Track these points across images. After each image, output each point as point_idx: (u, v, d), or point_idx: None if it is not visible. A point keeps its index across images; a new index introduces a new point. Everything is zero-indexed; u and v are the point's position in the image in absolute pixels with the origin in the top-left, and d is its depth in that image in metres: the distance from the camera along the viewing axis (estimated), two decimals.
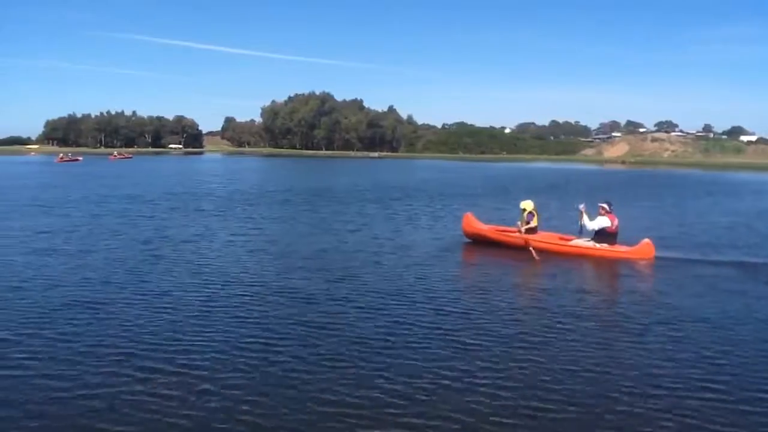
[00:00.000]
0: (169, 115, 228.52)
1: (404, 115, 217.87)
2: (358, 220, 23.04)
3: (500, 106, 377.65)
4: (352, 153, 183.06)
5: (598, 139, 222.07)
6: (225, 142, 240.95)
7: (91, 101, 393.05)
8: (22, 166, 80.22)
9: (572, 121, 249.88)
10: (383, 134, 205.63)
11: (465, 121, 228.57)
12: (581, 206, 16.24)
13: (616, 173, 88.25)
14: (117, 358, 7.91)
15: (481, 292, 12.00)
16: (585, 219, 16.06)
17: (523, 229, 16.63)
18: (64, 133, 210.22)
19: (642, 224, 22.49)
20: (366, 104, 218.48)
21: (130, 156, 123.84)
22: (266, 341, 8.65)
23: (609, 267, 15.27)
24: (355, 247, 16.90)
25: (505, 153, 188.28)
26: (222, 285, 12.03)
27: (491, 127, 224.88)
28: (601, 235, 15.93)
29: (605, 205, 16.08)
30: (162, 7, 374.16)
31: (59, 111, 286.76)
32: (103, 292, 11.33)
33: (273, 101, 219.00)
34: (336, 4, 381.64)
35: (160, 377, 7.31)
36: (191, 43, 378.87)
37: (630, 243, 16.03)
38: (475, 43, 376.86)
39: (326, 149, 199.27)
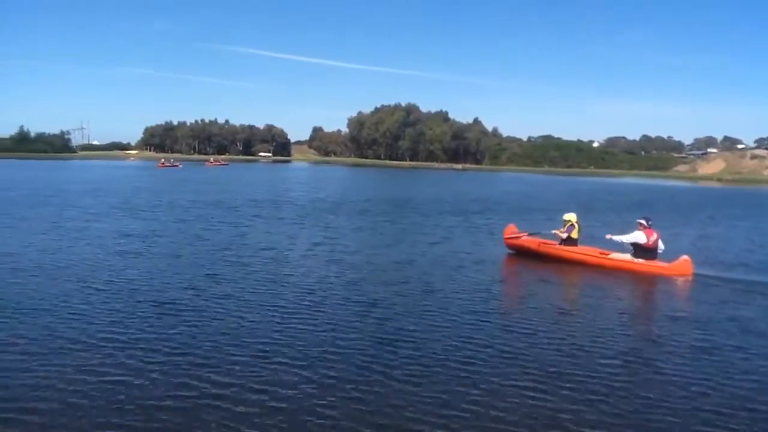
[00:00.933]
0: (260, 124, 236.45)
1: (489, 127, 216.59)
2: (437, 233, 22.90)
3: (589, 119, 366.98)
4: (435, 164, 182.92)
5: (693, 155, 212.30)
6: (312, 151, 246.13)
7: (187, 109, 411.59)
8: (125, 170, 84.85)
9: (665, 135, 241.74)
10: (467, 146, 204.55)
11: (551, 134, 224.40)
12: (607, 236, 16.51)
13: (711, 191, 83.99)
14: (189, 366, 8.09)
15: (523, 306, 11.76)
16: (617, 237, 16.30)
17: (560, 236, 17.17)
18: (161, 139, 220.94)
19: (736, 245, 21.43)
20: (451, 116, 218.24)
21: (225, 163, 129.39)
22: (335, 353, 8.70)
23: (644, 282, 15.25)
24: (430, 259, 16.81)
25: (593, 167, 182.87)
26: (295, 294, 12.20)
27: (579, 140, 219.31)
28: (638, 250, 15.99)
29: (643, 221, 16.17)
30: (253, 19, 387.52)
31: (157, 119, 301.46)
32: (180, 297, 11.74)
33: (359, 112, 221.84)
34: (423, 17, 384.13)
35: (232, 387, 7.43)
36: (282, 55, 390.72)
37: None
38: (563, 55, 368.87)
39: (410, 160, 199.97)
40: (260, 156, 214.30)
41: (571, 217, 17.33)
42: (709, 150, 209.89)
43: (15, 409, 6.69)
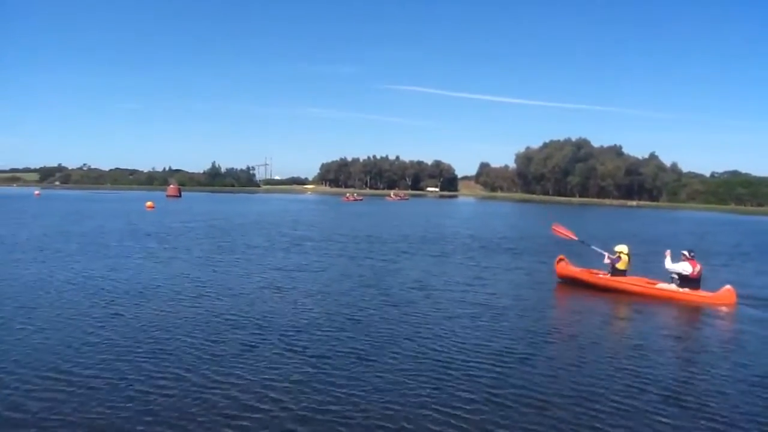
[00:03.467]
0: (428, 160, 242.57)
1: (668, 162, 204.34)
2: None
3: None
4: (607, 201, 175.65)
5: None
6: (479, 186, 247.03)
7: (360, 146, 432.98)
8: (307, 203, 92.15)
9: None
10: (642, 182, 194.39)
11: (739, 170, 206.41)
12: (666, 252, 17.83)
13: None
14: (314, 409, 8.22)
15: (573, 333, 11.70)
16: (667, 261, 17.50)
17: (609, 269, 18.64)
18: (335, 175, 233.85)
19: None
20: (625, 150, 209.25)
21: (406, 197, 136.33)
22: (468, 408, 8.58)
23: (689, 311, 15.99)
24: (564, 308, 16.58)
25: None
26: (428, 339, 12.17)
27: None
28: (683, 281, 17.10)
29: (686, 252, 17.31)
30: (421, 59, 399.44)
31: (332, 155, 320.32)
32: (313, 333, 12.24)
33: (527, 147, 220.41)
34: (592, 50, 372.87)
35: None
36: (451, 92, 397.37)
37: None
38: (751, 84, 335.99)
39: (580, 196, 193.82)
40: (428, 191, 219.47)
41: (622, 248, 18.56)
42: None
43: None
